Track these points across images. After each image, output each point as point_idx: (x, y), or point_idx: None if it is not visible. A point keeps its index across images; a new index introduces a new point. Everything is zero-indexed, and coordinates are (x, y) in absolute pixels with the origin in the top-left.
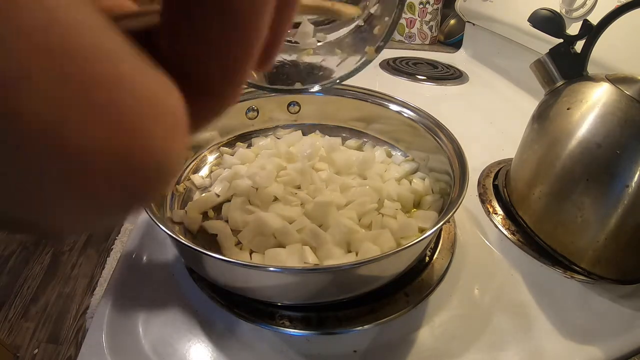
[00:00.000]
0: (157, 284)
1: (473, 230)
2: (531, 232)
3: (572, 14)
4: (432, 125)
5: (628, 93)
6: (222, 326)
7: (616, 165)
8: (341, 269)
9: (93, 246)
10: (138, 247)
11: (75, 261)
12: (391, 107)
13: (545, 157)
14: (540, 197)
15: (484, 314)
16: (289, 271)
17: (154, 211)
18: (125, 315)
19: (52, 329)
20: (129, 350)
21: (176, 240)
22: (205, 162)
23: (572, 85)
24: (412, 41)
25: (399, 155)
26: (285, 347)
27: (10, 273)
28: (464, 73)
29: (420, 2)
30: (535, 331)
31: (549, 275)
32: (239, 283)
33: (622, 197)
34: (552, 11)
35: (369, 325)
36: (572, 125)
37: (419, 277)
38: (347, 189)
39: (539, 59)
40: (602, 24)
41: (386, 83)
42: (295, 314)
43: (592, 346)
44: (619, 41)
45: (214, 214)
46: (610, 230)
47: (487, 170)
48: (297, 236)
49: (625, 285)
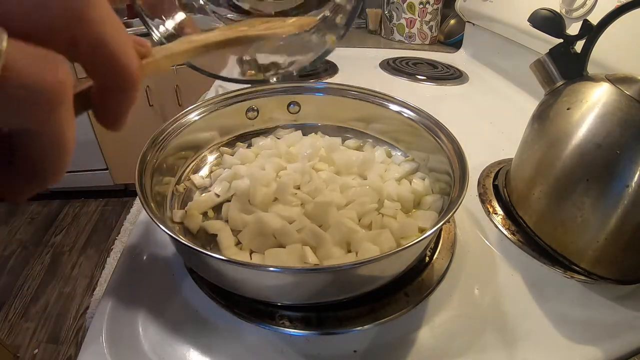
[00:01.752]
0: (157, 284)
1: (473, 230)
2: (531, 232)
3: (572, 14)
4: (432, 125)
5: (628, 93)
6: (222, 326)
7: (616, 165)
8: (341, 269)
9: (93, 246)
10: (138, 247)
11: (75, 261)
12: (391, 107)
13: (545, 157)
14: (540, 197)
15: (484, 314)
16: (289, 271)
17: (154, 211)
18: (125, 315)
19: (52, 329)
20: (129, 350)
21: (176, 240)
22: (205, 162)
23: (572, 85)
24: (412, 41)
25: (399, 155)
26: (285, 347)
27: (10, 273)
28: (464, 73)
29: (420, 2)
30: (535, 331)
31: (549, 275)
32: (239, 283)
33: (622, 197)
34: (552, 11)
35: (369, 325)
36: (572, 125)
37: (419, 277)
38: (347, 189)
39: (539, 59)
40: (602, 24)
41: (386, 83)
42: (295, 314)
43: (592, 346)
44: (619, 41)
45: (214, 214)
46: (610, 230)
47: (487, 170)
48: (297, 236)
49: (625, 285)
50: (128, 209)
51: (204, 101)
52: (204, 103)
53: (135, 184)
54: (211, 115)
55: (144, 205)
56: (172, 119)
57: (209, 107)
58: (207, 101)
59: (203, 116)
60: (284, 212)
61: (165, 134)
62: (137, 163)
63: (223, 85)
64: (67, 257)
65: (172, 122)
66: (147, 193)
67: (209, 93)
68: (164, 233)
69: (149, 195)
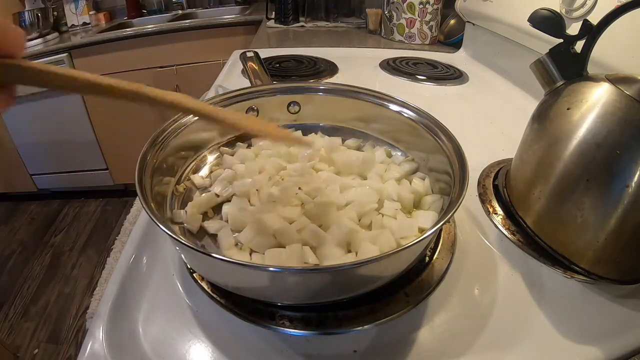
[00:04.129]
0: (157, 284)
1: (473, 230)
2: (531, 232)
3: (572, 14)
4: (432, 125)
5: (628, 93)
6: (222, 326)
7: (616, 165)
8: (341, 269)
9: (93, 246)
10: (138, 247)
11: (75, 261)
12: (391, 107)
13: (545, 157)
14: (540, 197)
15: (484, 314)
16: (289, 271)
17: (154, 211)
18: (125, 315)
19: (52, 329)
20: (129, 350)
21: (176, 240)
22: (205, 162)
23: (572, 85)
24: (412, 41)
25: (399, 155)
26: (285, 347)
27: (10, 273)
28: (464, 73)
29: (420, 2)
30: (535, 331)
31: (549, 275)
32: (239, 283)
33: (622, 197)
34: (552, 11)
35: (369, 325)
36: (572, 125)
37: (419, 277)
38: (347, 189)
39: (539, 59)
40: (602, 24)
41: (386, 83)
42: (295, 314)
43: (592, 346)
44: (619, 41)
45: (214, 214)
46: (610, 230)
47: (487, 170)
48: (297, 236)
49: (625, 285)
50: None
51: (203, 101)
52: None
53: (135, 184)
54: None
55: (143, 205)
56: (172, 119)
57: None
58: (207, 101)
59: None
60: (284, 212)
61: (165, 134)
62: (137, 163)
63: (223, 85)
64: (67, 257)
65: (172, 122)
66: (147, 193)
67: (209, 93)
68: (164, 233)
69: (149, 195)
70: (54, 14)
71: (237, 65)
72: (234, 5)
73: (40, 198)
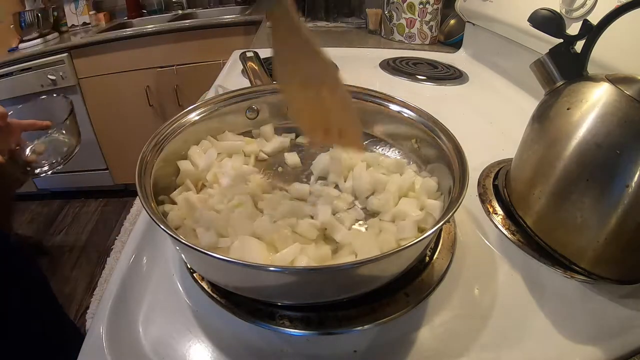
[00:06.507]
0: (157, 284)
1: (473, 230)
2: (531, 232)
3: (572, 14)
4: (432, 125)
5: (628, 93)
6: (222, 326)
7: (616, 165)
8: (341, 269)
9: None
10: (138, 247)
11: (75, 261)
12: (391, 107)
13: (545, 157)
14: (540, 197)
15: (484, 314)
16: (289, 271)
17: (154, 211)
18: (125, 315)
19: None
20: (129, 350)
21: (176, 240)
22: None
23: (572, 85)
24: (412, 41)
25: (399, 155)
26: (285, 347)
27: None
28: (464, 73)
29: (420, 2)
30: (535, 331)
31: (549, 275)
32: (239, 283)
33: (622, 197)
34: (552, 11)
35: (369, 325)
36: (572, 125)
37: (419, 277)
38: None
39: (539, 59)
40: (602, 24)
41: (386, 83)
42: (295, 314)
43: (592, 346)
44: (619, 41)
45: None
46: (610, 230)
47: (487, 170)
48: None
49: (625, 285)
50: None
51: (204, 101)
52: (204, 103)
53: (136, 184)
54: (211, 115)
55: (144, 205)
56: (172, 119)
57: (209, 107)
58: (207, 101)
59: (203, 116)
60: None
61: (165, 134)
62: (137, 163)
63: (223, 85)
64: (67, 257)
65: (172, 122)
66: (147, 193)
67: (209, 93)
68: (164, 233)
69: (149, 195)
70: (54, 14)
71: (237, 65)
72: (234, 5)
73: (40, 198)
